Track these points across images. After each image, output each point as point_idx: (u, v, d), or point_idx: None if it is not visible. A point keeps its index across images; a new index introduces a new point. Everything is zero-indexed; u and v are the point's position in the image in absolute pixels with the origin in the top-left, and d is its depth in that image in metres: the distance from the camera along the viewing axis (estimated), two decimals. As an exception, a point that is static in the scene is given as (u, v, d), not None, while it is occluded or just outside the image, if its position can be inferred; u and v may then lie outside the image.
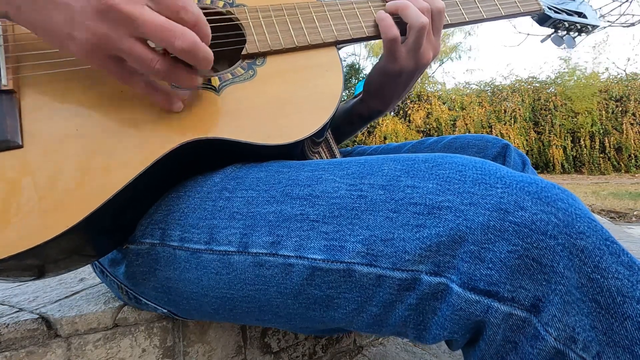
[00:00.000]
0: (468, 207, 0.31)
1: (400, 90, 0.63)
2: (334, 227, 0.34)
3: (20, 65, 0.40)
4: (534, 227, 0.29)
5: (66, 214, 0.36)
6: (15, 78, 0.39)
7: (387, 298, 0.33)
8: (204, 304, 0.42)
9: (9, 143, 0.37)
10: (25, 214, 0.35)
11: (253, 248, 0.37)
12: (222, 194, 0.40)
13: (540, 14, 0.70)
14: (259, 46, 0.48)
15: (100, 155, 0.38)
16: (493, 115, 11.29)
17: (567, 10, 0.73)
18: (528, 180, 0.31)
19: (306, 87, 0.48)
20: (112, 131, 0.39)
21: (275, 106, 0.45)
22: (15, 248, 0.34)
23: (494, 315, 0.30)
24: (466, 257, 0.30)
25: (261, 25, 0.50)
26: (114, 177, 0.38)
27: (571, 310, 0.29)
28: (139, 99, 0.41)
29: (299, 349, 0.69)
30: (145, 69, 0.37)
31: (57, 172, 0.37)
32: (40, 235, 0.34)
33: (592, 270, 0.28)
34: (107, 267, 0.48)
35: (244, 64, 0.48)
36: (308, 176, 0.38)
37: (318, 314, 0.37)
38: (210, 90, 0.44)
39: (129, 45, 0.35)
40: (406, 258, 0.31)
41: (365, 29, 0.55)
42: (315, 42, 0.51)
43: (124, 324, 0.50)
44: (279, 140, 0.43)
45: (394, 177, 0.35)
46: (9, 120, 0.37)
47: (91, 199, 0.36)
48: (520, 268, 0.29)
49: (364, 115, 0.70)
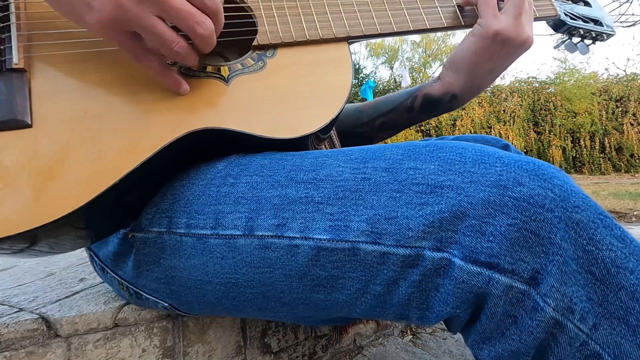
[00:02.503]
0: (469, 184, 0.32)
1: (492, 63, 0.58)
2: (338, 208, 0.35)
3: (31, 44, 0.40)
4: (532, 200, 0.30)
5: (72, 196, 0.36)
6: (26, 57, 0.39)
7: (391, 276, 0.34)
8: (207, 293, 0.42)
9: (18, 122, 0.37)
10: (32, 194, 0.35)
11: (259, 231, 0.37)
12: (227, 180, 0.41)
13: (555, 20, 0.68)
14: (270, 37, 0.48)
15: (108, 139, 0.38)
16: (493, 115, 11.28)
17: (584, 16, 0.71)
18: (525, 159, 0.33)
19: (315, 81, 0.48)
20: (120, 115, 0.40)
21: (283, 100, 0.45)
22: (20, 227, 0.34)
23: (495, 286, 0.31)
24: (467, 232, 0.31)
25: (273, 16, 0.50)
26: (120, 162, 0.38)
27: (568, 281, 0.30)
28: (148, 84, 0.42)
29: (299, 349, 0.69)
30: (164, 49, 0.38)
31: (65, 154, 0.37)
32: (45, 215, 0.35)
33: (587, 242, 0.30)
34: (107, 264, 0.48)
35: (254, 54, 0.48)
36: (312, 162, 0.39)
37: (322, 296, 0.38)
38: (219, 79, 0.45)
39: (152, 22, 0.36)
40: (409, 235, 0.32)
41: (377, 26, 0.54)
42: (326, 37, 0.51)
43: (124, 324, 0.50)
44: (285, 134, 0.43)
45: (397, 161, 0.36)
46: (18, 99, 0.37)
47: (97, 182, 0.37)
48: (520, 240, 0.30)
49: (433, 98, 0.63)
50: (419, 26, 0.57)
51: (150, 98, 0.41)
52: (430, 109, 0.65)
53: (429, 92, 0.63)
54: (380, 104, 0.69)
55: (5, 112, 0.36)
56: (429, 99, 0.64)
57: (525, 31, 0.56)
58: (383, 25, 0.55)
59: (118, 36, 0.37)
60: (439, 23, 0.58)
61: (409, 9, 0.57)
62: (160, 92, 0.42)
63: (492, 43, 0.56)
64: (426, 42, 13.90)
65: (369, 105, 0.70)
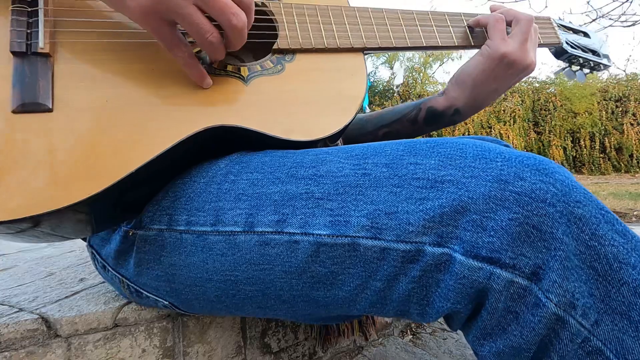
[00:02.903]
0: (469, 179, 0.31)
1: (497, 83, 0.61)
2: (338, 203, 0.35)
3: (57, 31, 0.40)
4: (534, 195, 0.30)
5: (87, 184, 0.36)
6: (52, 42, 0.39)
7: (391, 271, 0.34)
8: (207, 290, 0.42)
9: (39, 106, 0.37)
10: (46, 179, 0.35)
11: (259, 227, 0.37)
12: (228, 177, 0.41)
13: (558, 47, 0.73)
14: (290, 42, 0.50)
15: (126, 129, 0.39)
16: (493, 115, 11.28)
17: (583, 46, 0.77)
18: (526, 154, 0.32)
19: (331, 88, 0.49)
20: (141, 107, 0.40)
21: (299, 103, 0.46)
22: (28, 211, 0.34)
23: (497, 281, 0.30)
24: (468, 226, 0.31)
25: (294, 22, 0.51)
26: (137, 152, 0.38)
27: (570, 276, 0.29)
28: (170, 79, 0.42)
29: (299, 349, 0.69)
30: (198, 38, 0.39)
31: (82, 142, 0.37)
32: (57, 201, 0.35)
33: (590, 237, 0.29)
34: (109, 262, 0.48)
35: (274, 58, 0.49)
36: (312, 159, 0.39)
37: (322, 293, 0.37)
38: (239, 79, 0.45)
39: (191, 11, 0.37)
40: (410, 230, 0.32)
41: (393, 40, 0.57)
42: (344, 46, 0.52)
43: (124, 324, 0.50)
44: (300, 137, 0.44)
45: (397, 156, 0.36)
46: (41, 83, 0.38)
47: (113, 172, 0.37)
48: (521, 235, 0.30)
49: (437, 112, 0.65)
50: (431, 43, 0.60)
51: (171, 92, 0.42)
52: (434, 122, 0.67)
53: (433, 106, 0.66)
54: (385, 115, 0.70)
55: (28, 94, 0.37)
56: (432, 112, 0.66)
57: (529, 56, 0.59)
58: (398, 39, 0.57)
59: (155, 22, 0.38)
60: (450, 42, 0.61)
61: (423, 27, 0.60)
62: (181, 87, 0.42)
63: (499, 64, 0.59)
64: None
65: (374, 115, 0.72)
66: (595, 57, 0.78)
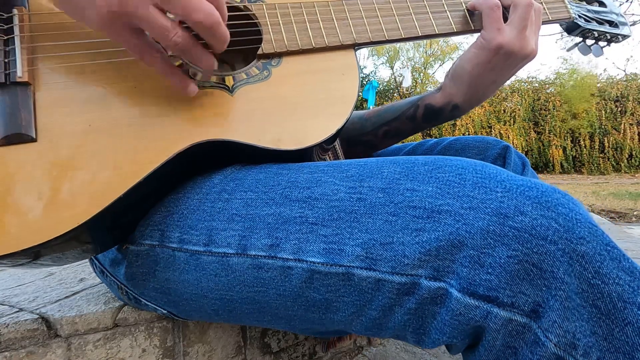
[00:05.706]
0: (468, 211, 0.30)
1: (495, 75, 0.57)
2: (333, 230, 0.34)
3: (35, 57, 0.39)
4: (534, 232, 0.28)
5: (76, 211, 0.36)
6: (31, 70, 0.38)
7: (386, 302, 0.33)
8: (204, 305, 0.42)
9: (23, 137, 0.36)
10: (35, 210, 0.35)
11: (252, 250, 0.36)
12: (221, 196, 0.40)
13: (569, 22, 0.66)
14: (275, 46, 0.47)
15: (112, 152, 0.38)
16: (493, 115, 11.28)
17: (598, 18, 0.69)
18: (528, 184, 0.31)
19: (321, 90, 0.47)
20: (124, 128, 0.39)
21: (288, 109, 0.45)
22: (23, 243, 0.34)
23: (494, 320, 0.30)
24: (466, 262, 0.30)
25: (279, 23, 0.49)
26: (125, 175, 0.37)
27: (571, 316, 0.28)
28: (152, 96, 0.41)
29: (299, 349, 0.69)
30: (163, 40, 0.36)
31: (69, 168, 0.37)
32: (50, 231, 0.35)
33: (593, 275, 0.28)
34: (107, 267, 0.48)
35: (259, 63, 0.47)
36: (307, 178, 0.38)
37: (317, 316, 0.37)
38: (224, 90, 0.44)
39: (149, 11, 0.34)
40: (405, 262, 0.31)
41: (385, 32, 0.53)
42: (333, 44, 0.50)
43: (124, 324, 0.50)
44: (291, 146, 0.43)
45: (394, 180, 0.34)
46: (23, 114, 0.37)
47: (101, 197, 0.36)
48: (520, 273, 0.29)
49: (435, 108, 0.62)
50: (427, 31, 0.55)
51: (155, 111, 0.41)
52: (433, 119, 0.64)
53: (431, 102, 0.63)
54: (383, 113, 0.68)
55: (10, 126, 0.36)
56: (430, 109, 0.63)
57: (529, 44, 0.55)
58: (390, 31, 0.53)
59: (119, 30, 0.36)
60: (449, 28, 0.57)
61: (418, 14, 0.56)
62: (165, 104, 0.41)
63: (495, 56, 0.55)
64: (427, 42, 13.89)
65: (372, 114, 0.69)
66: (613, 28, 0.70)
